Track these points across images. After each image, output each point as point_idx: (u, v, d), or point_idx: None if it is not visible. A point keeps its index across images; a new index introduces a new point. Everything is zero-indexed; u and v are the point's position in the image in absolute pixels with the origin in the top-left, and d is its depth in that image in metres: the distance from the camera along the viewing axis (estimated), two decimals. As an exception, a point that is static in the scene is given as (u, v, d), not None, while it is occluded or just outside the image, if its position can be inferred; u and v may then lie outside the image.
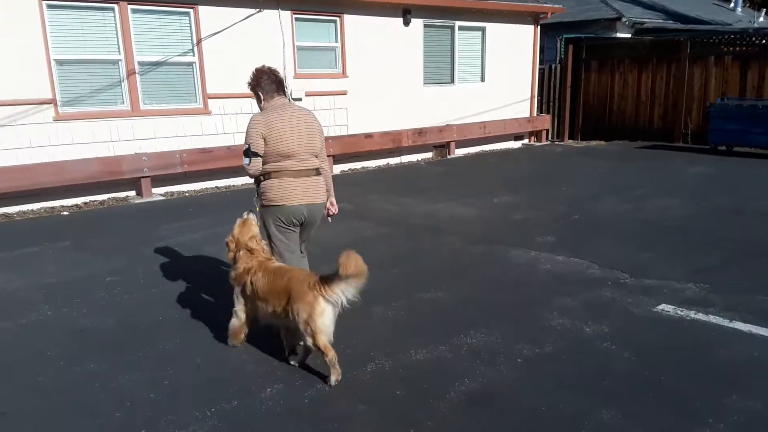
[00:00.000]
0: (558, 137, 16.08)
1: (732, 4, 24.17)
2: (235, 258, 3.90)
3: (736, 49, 13.41)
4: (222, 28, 9.77)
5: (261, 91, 4.11)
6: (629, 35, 17.50)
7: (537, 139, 15.62)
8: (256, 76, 4.13)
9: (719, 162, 11.56)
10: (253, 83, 4.13)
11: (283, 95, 4.16)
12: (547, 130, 15.74)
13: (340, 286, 3.39)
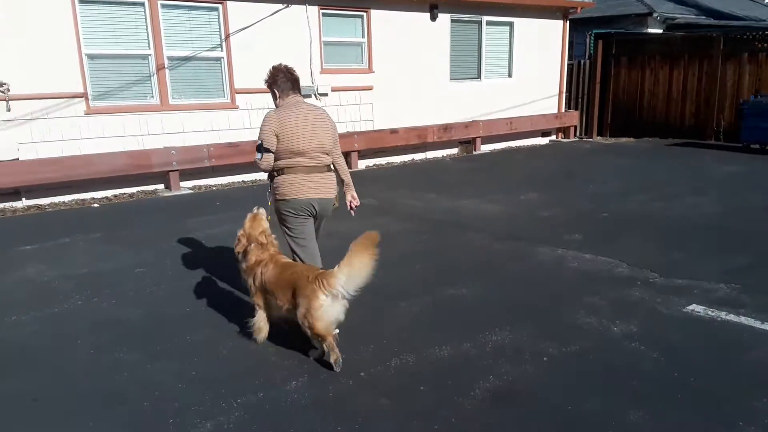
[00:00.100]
0: (586, 134, 15.87)
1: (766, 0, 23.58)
2: (246, 251, 3.98)
3: (771, 45, 13.08)
4: (250, 23, 9.84)
5: (277, 89, 4.19)
6: (660, 31, 17.19)
7: (564, 136, 15.44)
8: (272, 74, 4.20)
9: (752, 160, 11.29)
10: (270, 81, 4.21)
11: (297, 93, 4.22)
12: (575, 127, 15.55)
13: (341, 281, 3.45)
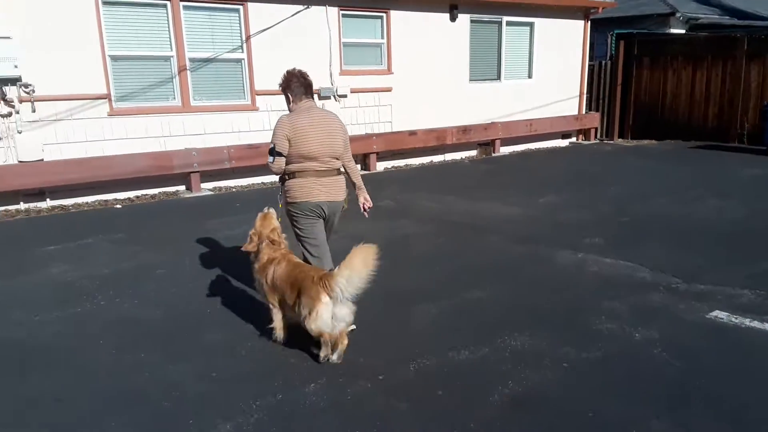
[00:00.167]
0: (607, 136, 15.71)
1: (794, -1, 23.14)
2: (258, 250, 4.06)
3: (797, 45, 12.85)
4: (271, 24, 9.89)
5: (290, 93, 4.29)
6: (683, 31, 16.97)
7: (585, 138, 15.31)
8: (286, 79, 4.30)
9: (777, 163, 11.10)
10: (284, 85, 4.32)
11: (310, 98, 4.33)
12: (596, 129, 15.41)
13: (340, 284, 3.51)
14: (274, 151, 4.14)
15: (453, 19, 12.17)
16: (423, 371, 3.69)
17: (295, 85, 4.25)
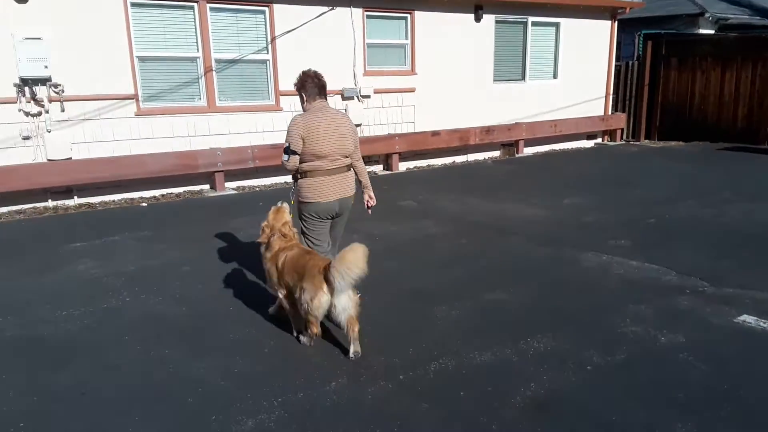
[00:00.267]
0: (633, 137, 15.50)
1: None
2: (269, 242, 4.23)
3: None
4: (296, 26, 9.95)
5: (305, 93, 4.43)
6: (712, 32, 16.67)
7: (611, 139, 15.12)
8: (301, 79, 4.44)
9: (810, 166, 10.84)
10: (299, 85, 4.46)
11: (324, 99, 4.46)
12: (622, 130, 15.20)
13: (336, 277, 3.65)
14: (288, 150, 4.30)
15: (478, 19, 12.11)
16: (444, 372, 3.68)
17: (310, 85, 4.39)
